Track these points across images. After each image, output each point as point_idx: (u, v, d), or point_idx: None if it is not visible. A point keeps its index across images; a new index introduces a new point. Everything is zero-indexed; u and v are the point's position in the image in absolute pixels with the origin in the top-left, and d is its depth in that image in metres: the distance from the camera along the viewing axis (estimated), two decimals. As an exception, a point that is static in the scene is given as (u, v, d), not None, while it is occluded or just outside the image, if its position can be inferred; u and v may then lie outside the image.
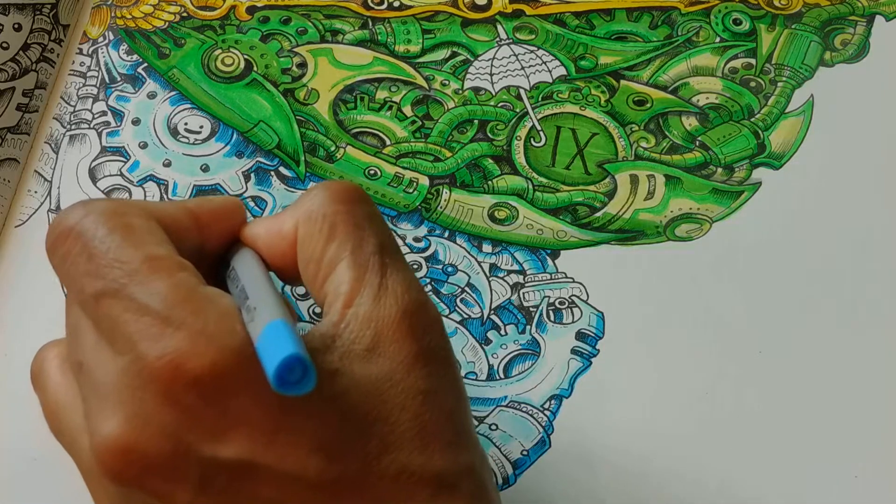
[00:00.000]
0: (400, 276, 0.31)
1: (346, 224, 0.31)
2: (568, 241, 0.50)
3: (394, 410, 0.29)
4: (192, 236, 0.33)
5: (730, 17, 0.56)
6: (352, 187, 0.32)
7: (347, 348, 0.29)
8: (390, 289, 0.30)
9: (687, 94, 0.54)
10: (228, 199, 0.35)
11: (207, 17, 0.56)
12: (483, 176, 0.51)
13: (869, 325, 0.47)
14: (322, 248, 0.31)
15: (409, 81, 0.54)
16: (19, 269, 0.49)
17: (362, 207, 0.32)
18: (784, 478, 0.44)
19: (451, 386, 0.31)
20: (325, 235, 0.31)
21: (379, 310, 0.30)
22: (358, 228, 0.31)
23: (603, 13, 0.56)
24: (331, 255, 0.31)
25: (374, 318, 0.29)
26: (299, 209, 0.32)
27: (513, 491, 0.44)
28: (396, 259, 0.32)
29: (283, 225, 0.32)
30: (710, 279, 0.48)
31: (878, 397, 0.45)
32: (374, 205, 0.33)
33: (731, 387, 0.46)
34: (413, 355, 0.29)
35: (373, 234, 0.32)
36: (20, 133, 0.52)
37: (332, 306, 0.30)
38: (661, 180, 0.51)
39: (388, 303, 0.30)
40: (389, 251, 0.32)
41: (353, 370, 0.29)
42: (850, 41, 0.55)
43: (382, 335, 0.29)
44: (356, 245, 0.31)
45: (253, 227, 0.34)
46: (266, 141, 0.52)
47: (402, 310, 0.30)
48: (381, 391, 0.29)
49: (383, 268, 0.31)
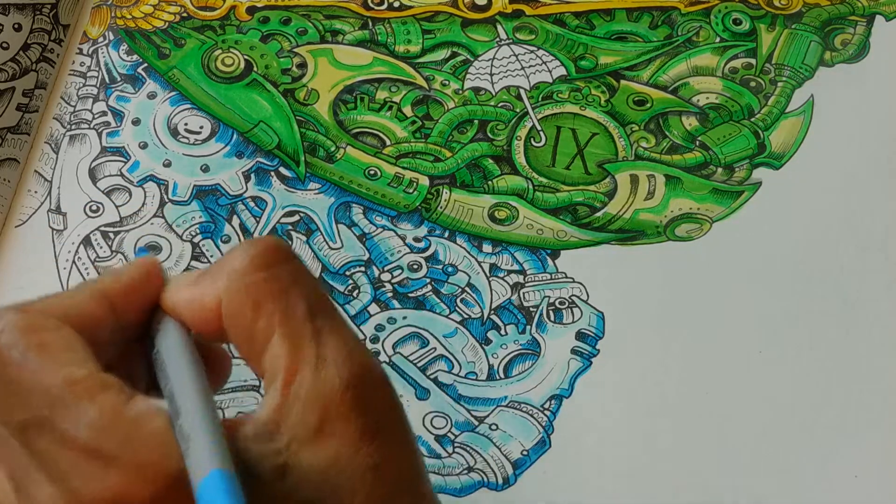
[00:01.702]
0: (337, 340, 0.29)
1: (270, 293, 0.29)
2: (568, 241, 0.50)
3: (346, 495, 0.27)
4: (108, 325, 0.31)
5: (730, 17, 0.56)
6: (272, 246, 0.30)
7: (293, 434, 0.27)
8: (329, 359, 0.28)
9: (687, 94, 0.54)
10: (141, 267, 0.32)
11: (207, 17, 0.56)
12: (483, 176, 0.51)
13: (869, 325, 0.47)
14: (250, 323, 0.29)
15: (409, 81, 0.54)
16: (19, 269, 0.49)
17: (285, 268, 0.30)
18: (784, 477, 0.44)
19: (403, 452, 0.29)
20: (249, 311, 0.29)
21: (321, 385, 0.28)
22: (284, 295, 0.29)
23: (603, 13, 0.56)
24: (261, 330, 0.29)
25: (317, 397, 0.28)
26: (219, 279, 0.30)
27: (513, 491, 0.44)
28: (330, 319, 0.29)
29: (205, 297, 0.30)
30: (710, 279, 0.48)
31: (878, 397, 0.45)
32: (299, 259, 0.31)
33: (731, 387, 0.46)
34: (360, 429, 0.28)
35: (300, 297, 0.29)
36: (20, 133, 0.52)
37: (272, 386, 0.28)
38: (661, 180, 0.51)
39: (329, 376, 0.28)
40: (321, 312, 0.29)
41: (300, 461, 0.27)
42: (850, 41, 0.55)
43: (328, 413, 0.28)
44: (285, 315, 0.29)
45: (174, 293, 0.31)
46: (266, 141, 0.52)
47: (345, 382, 0.28)
48: (330, 477, 0.27)
49: (317, 335, 0.29)
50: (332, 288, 0.48)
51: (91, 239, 0.49)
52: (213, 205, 0.50)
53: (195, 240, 0.49)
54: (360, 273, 0.49)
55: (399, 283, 0.48)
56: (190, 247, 0.49)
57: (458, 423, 0.45)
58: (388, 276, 0.48)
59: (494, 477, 0.44)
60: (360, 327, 0.47)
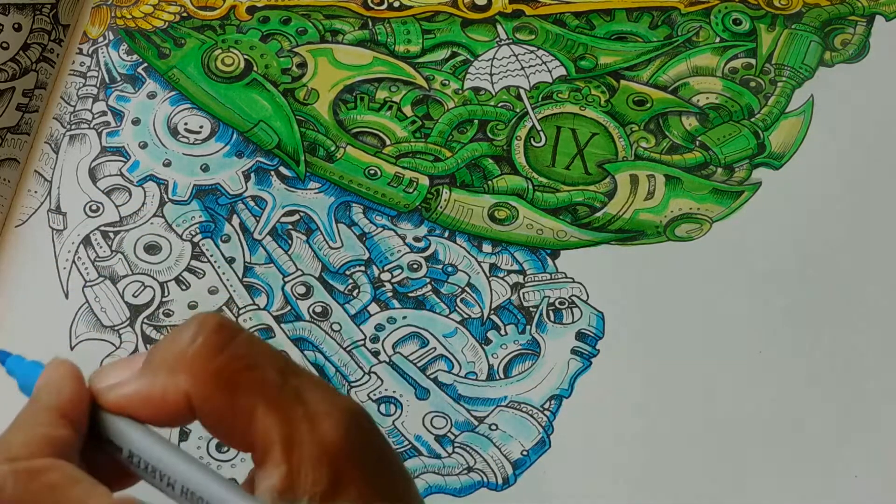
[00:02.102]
0: (317, 393, 0.29)
1: (240, 370, 0.29)
2: (568, 241, 0.50)
3: None
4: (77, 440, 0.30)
5: (730, 17, 0.56)
6: (219, 324, 0.30)
7: (312, 494, 0.28)
8: (319, 413, 0.28)
9: (687, 94, 0.54)
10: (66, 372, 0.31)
11: (207, 17, 0.56)
12: (483, 176, 0.51)
13: (869, 325, 0.47)
14: (229, 406, 0.29)
15: (409, 81, 0.54)
16: (19, 269, 0.49)
17: (241, 341, 0.29)
18: (784, 477, 0.44)
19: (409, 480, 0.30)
20: (226, 394, 0.29)
21: (322, 441, 0.28)
22: (252, 367, 0.29)
23: (603, 13, 0.56)
24: (242, 409, 0.28)
25: (322, 453, 0.28)
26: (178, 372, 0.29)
27: (513, 491, 0.44)
28: (301, 375, 0.30)
29: (166, 393, 0.29)
30: (709, 279, 0.48)
31: (878, 397, 0.45)
32: (245, 329, 0.31)
33: (731, 387, 0.46)
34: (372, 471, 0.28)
35: (268, 365, 0.29)
36: (20, 133, 0.52)
37: (271, 456, 0.28)
38: (661, 180, 0.51)
39: (326, 429, 0.28)
40: (291, 372, 0.30)
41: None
42: (850, 41, 0.55)
43: (337, 465, 0.28)
44: (262, 386, 0.29)
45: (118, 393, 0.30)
46: (266, 141, 0.52)
47: (343, 430, 0.28)
48: None
49: (297, 393, 0.29)
50: (332, 287, 0.48)
51: (91, 239, 0.49)
52: (212, 204, 0.50)
53: (195, 239, 0.49)
54: (360, 272, 0.48)
55: (399, 283, 0.48)
56: (190, 246, 0.49)
57: (458, 423, 0.45)
58: (388, 275, 0.48)
59: (494, 477, 0.44)
60: (360, 327, 0.47)
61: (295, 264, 0.49)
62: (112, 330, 0.47)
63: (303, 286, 0.48)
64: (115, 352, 0.46)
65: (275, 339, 0.47)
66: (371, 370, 0.46)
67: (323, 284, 0.48)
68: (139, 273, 0.48)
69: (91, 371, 0.47)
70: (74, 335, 0.47)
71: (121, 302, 0.48)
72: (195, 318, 0.30)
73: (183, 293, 0.48)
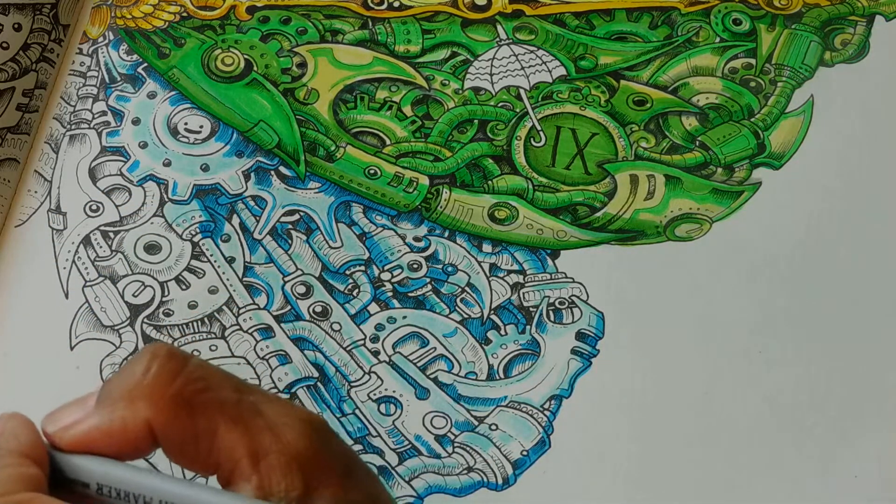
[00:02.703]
0: (274, 406, 0.30)
1: (197, 393, 0.29)
2: (568, 241, 0.50)
3: None
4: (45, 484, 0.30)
5: (730, 17, 0.56)
6: (168, 353, 0.30)
7: (288, 500, 0.28)
8: (279, 424, 0.29)
9: (687, 94, 0.54)
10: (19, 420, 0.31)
11: (207, 16, 0.56)
12: (483, 176, 0.51)
13: (869, 325, 0.47)
14: (190, 429, 0.29)
15: (409, 81, 0.54)
16: (19, 269, 0.49)
17: (193, 366, 0.30)
18: (784, 477, 0.44)
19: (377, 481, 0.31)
20: (186, 418, 0.29)
21: (286, 449, 0.28)
22: (209, 390, 0.29)
23: (603, 13, 0.56)
24: (203, 430, 0.29)
25: (289, 460, 0.28)
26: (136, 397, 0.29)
27: (513, 491, 0.44)
28: (255, 392, 0.30)
29: (126, 424, 0.29)
30: (710, 279, 0.48)
31: (878, 397, 0.45)
32: (194, 355, 0.31)
33: (731, 387, 0.46)
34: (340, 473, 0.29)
35: (223, 385, 0.30)
36: (20, 133, 0.52)
37: (239, 470, 0.29)
38: (661, 180, 0.51)
39: (290, 438, 0.29)
40: (245, 390, 0.30)
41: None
42: (850, 41, 0.55)
43: (305, 470, 0.28)
44: (220, 406, 0.29)
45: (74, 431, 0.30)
46: (266, 140, 0.52)
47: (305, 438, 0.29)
48: None
49: (257, 409, 0.29)
50: (332, 287, 0.48)
51: (91, 238, 0.49)
52: (212, 204, 0.50)
53: (195, 239, 0.49)
54: (360, 272, 0.48)
55: (399, 283, 0.48)
56: (190, 246, 0.49)
57: (457, 422, 0.45)
58: (388, 275, 0.48)
59: (494, 477, 0.44)
60: (360, 326, 0.47)
61: (295, 264, 0.49)
62: (112, 330, 0.47)
63: (303, 286, 0.48)
64: (115, 352, 0.46)
65: (275, 338, 0.47)
66: (371, 370, 0.46)
67: (323, 284, 0.48)
68: (139, 273, 0.48)
69: (90, 369, 0.47)
70: (74, 335, 0.47)
71: (121, 302, 0.48)
72: (145, 349, 0.30)
73: (183, 293, 0.48)
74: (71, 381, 0.46)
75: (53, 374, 0.46)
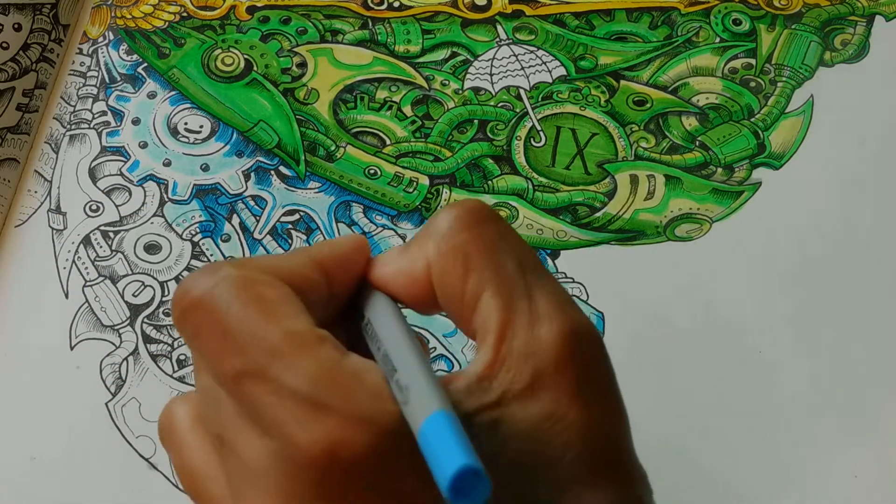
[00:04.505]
0: (549, 295, 0.29)
1: (479, 251, 0.29)
2: (568, 241, 0.50)
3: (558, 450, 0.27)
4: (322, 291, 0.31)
5: (730, 18, 0.56)
6: (476, 207, 0.30)
7: (506, 389, 0.27)
8: (542, 313, 0.28)
9: (687, 94, 0.54)
10: (351, 242, 0.32)
11: (207, 16, 0.56)
12: (483, 176, 0.51)
13: (869, 325, 0.47)
14: (461, 283, 0.29)
15: (409, 81, 0.54)
16: (19, 269, 0.49)
17: (492, 227, 0.30)
18: (784, 477, 0.44)
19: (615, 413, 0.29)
20: (460, 269, 0.29)
21: (534, 340, 0.28)
22: (493, 252, 0.29)
23: (603, 13, 0.56)
24: (471, 289, 0.29)
25: (530, 352, 0.27)
26: (427, 244, 0.30)
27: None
28: (541, 275, 0.29)
29: (414, 266, 0.30)
30: (710, 279, 0.48)
31: (878, 397, 0.45)
32: (504, 220, 0.31)
33: (732, 387, 0.46)
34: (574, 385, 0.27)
35: (509, 254, 0.29)
36: (20, 133, 0.52)
37: (485, 342, 0.28)
38: (661, 180, 0.51)
39: (544, 331, 0.28)
40: (531, 268, 0.29)
41: (513, 415, 0.27)
42: (850, 41, 0.55)
43: (541, 368, 0.27)
44: (495, 271, 0.29)
45: (381, 268, 0.32)
46: (266, 140, 0.52)
47: (560, 335, 0.28)
48: (543, 431, 0.27)
49: (529, 289, 0.29)
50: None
51: (91, 238, 0.49)
52: (212, 204, 0.50)
53: (195, 239, 0.49)
54: (360, 272, 0.48)
55: (399, 283, 0.48)
56: (190, 245, 0.49)
57: (457, 422, 0.45)
58: (388, 275, 0.48)
59: None
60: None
61: (295, 264, 0.49)
62: (112, 329, 0.47)
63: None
64: (115, 351, 0.46)
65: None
66: (371, 370, 0.46)
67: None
68: (139, 272, 0.48)
69: (90, 369, 0.47)
70: (74, 335, 0.47)
71: (121, 301, 0.48)
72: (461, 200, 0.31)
73: (183, 293, 0.48)
74: (71, 381, 0.46)
75: (53, 374, 0.46)
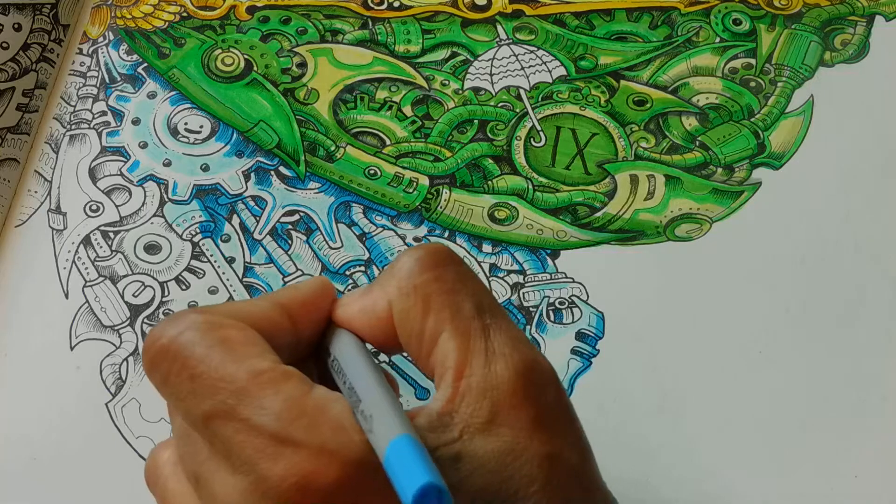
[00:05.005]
0: (504, 335, 0.30)
1: (440, 292, 0.30)
2: (568, 241, 0.50)
3: (522, 483, 0.28)
4: (288, 332, 0.32)
5: (730, 17, 0.56)
6: (437, 250, 0.32)
7: (466, 423, 0.28)
8: (497, 352, 0.29)
9: (687, 94, 0.54)
10: (315, 285, 0.34)
11: (207, 16, 0.56)
12: (483, 176, 0.51)
13: (869, 325, 0.47)
14: (420, 322, 0.30)
15: (409, 81, 0.54)
16: (19, 269, 0.49)
17: (452, 270, 0.31)
18: (784, 477, 0.44)
19: (576, 442, 0.30)
20: (420, 309, 0.30)
21: (491, 377, 0.29)
22: (452, 293, 0.30)
23: (603, 13, 0.56)
24: (431, 328, 0.30)
25: (488, 388, 0.29)
26: (389, 285, 0.31)
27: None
28: (497, 317, 0.31)
29: (377, 305, 0.32)
30: (710, 279, 0.48)
31: (878, 397, 0.45)
32: (464, 263, 0.32)
33: (731, 387, 0.46)
34: (533, 419, 0.28)
35: (467, 296, 0.30)
36: (20, 133, 0.52)
37: (443, 380, 0.29)
38: (661, 180, 0.51)
39: (499, 368, 0.29)
40: (488, 310, 0.31)
41: (474, 449, 0.28)
42: (850, 41, 0.55)
43: (499, 403, 0.28)
44: (453, 312, 0.30)
45: (345, 307, 0.33)
46: (266, 140, 0.52)
47: (515, 372, 0.29)
48: (505, 465, 0.28)
49: (485, 330, 0.30)
50: (331, 287, 0.48)
51: (91, 238, 0.49)
52: (212, 204, 0.50)
53: (195, 239, 0.49)
54: (361, 273, 0.49)
55: (399, 283, 0.48)
56: (190, 246, 0.49)
57: (457, 422, 0.45)
58: (388, 275, 0.48)
59: None
60: (360, 327, 0.47)
61: (295, 264, 0.49)
62: (112, 330, 0.47)
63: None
64: (115, 352, 0.46)
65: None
66: (371, 370, 0.46)
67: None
68: (139, 273, 0.48)
69: (90, 369, 0.47)
70: (74, 335, 0.47)
71: (121, 302, 0.48)
72: (421, 244, 0.32)
73: (183, 293, 0.48)
74: (71, 381, 0.46)
75: (53, 374, 0.46)
